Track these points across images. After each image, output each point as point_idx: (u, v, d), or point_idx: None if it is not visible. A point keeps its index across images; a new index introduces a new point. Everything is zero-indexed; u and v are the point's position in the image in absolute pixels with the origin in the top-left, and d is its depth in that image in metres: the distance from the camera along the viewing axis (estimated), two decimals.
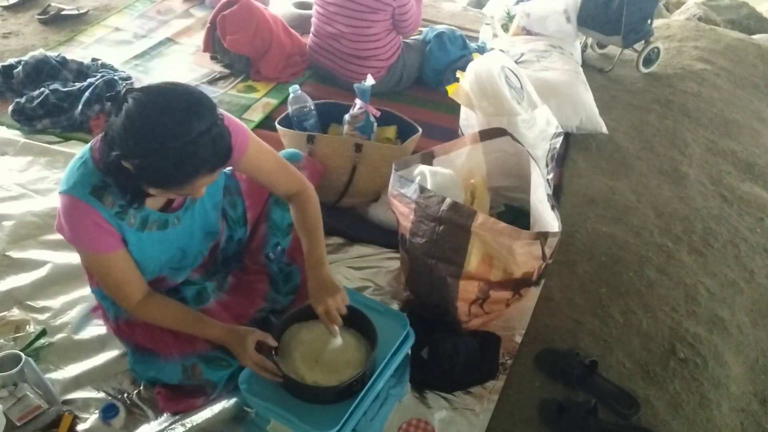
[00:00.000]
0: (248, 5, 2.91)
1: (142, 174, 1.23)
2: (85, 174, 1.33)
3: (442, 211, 1.67)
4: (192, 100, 1.22)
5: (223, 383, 1.55)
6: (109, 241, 1.38)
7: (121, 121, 1.19)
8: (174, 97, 1.20)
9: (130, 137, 1.19)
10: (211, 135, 1.22)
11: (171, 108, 1.19)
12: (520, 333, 1.87)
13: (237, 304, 1.68)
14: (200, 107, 1.22)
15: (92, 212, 1.33)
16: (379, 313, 1.63)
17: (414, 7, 2.77)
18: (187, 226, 1.54)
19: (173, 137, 1.17)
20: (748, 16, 4.86)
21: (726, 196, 2.58)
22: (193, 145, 1.19)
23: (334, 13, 2.78)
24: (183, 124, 1.18)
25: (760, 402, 1.86)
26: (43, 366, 1.68)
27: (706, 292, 2.11)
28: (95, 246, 1.38)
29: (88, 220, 1.34)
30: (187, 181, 1.24)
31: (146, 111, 1.18)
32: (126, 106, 1.19)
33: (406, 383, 1.69)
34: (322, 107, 2.36)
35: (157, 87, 1.23)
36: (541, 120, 2.12)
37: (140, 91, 1.22)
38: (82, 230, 1.36)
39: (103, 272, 1.43)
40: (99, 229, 1.35)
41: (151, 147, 1.18)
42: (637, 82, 3.26)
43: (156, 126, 1.17)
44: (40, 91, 2.66)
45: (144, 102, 1.19)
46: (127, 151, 1.21)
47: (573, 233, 2.25)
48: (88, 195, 1.32)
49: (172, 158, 1.19)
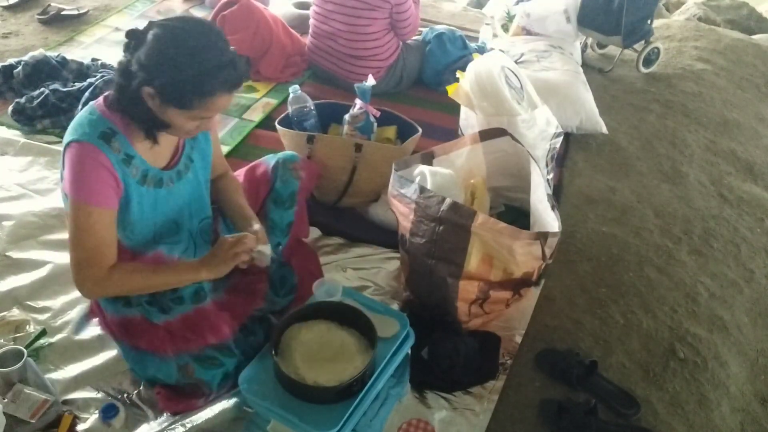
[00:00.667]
0: (248, 5, 2.91)
1: (169, 92, 1.32)
2: (92, 121, 1.40)
3: (442, 211, 1.67)
4: (213, 27, 1.39)
5: (217, 382, 1.55)
6: (109, 193, 1.40)
7: (147, 47, 1.31)
8: (196, 22, 1.37)
9: (159, 57, 1.30)
10: (232, 56, 1.36)
11: (195, 30, 1.34)
12: (520, 333, 1.87)
13: (236, 304, 1.67)
14: (220, 33, 1.37)
15: (101, 155, 1.37)
16: (379, 313, 1.63)
17: (413, 8, 2.77)
18: (179, 192, 1.56)
19: (200, 52, 1.31)
20: (748, 16, 4.87)
21: (726, 196, 2.58)
22: (218, 61, 1.33)
23: (331, 12, 2.77)
24: (208, 42, 1.33)
25: (760, 402, 1.86)
26: (43, 366, 1.67)
27: (706, 292, 2.11)
28: (94, 197, 1.38)
29: (97, 166, 1.37)
30: (210, 95, 1.35)
31: (174, 33, 1.32)
32: (152, 33, 1.32)
33: (406, 383, 1.69)
34: (322, 107, 2.36)
35: (177, 17, 1.39)
36: (541, 120, 2.12)
37: (163, 21, 1.35)
38: (87, 177, 1.37)
39: (88, 227, 1.40)
40: (104, 175, 1.38)
41: (180, 62, 1.30)
42: (637, 82, 3.26)
43: (184, 43, 1.31)
44: (40, 91, 2.66)
45: (171, 26, 1.33)
46: (155, 72, 1.31)
47: (573, 233, 2.25)
48: (97, 139, 1.38)
49: (199, 70, 1.31)
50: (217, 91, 1.35)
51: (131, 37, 1.35)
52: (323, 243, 2.15)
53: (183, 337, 1.54)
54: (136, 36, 1.34)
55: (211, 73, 1.32)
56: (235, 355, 1.57)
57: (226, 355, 1.55)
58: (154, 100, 1.34)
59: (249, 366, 1.50)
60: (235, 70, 1.36)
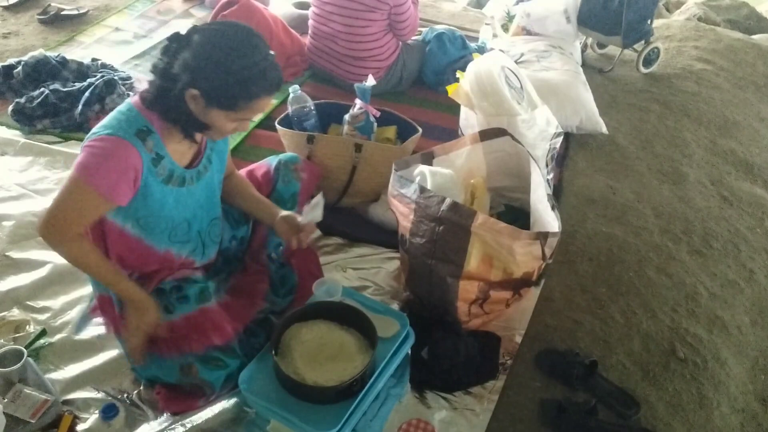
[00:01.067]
0: (248, 5, 2.91)
1: (215, 94, 1.36)
2: (130, 118, 1.40)
3: (442, 211, 1.67)
4: (254, 30, 1.41)
5: (221, 384, 1.55)
6: (120, 190, 1.39)
7: (194, 48, 1.34)
8: (240, 26, 1.40)
9: (207, 59, 1.34)
10: (273, 57, 1.41)
11: (240, 34, 1.38)
12: (520, 333, 1.87)
13: (238, 305, 1.68)
14: (262, 38, 1.42)
15: (133, 153, 1.38)
16: (379, 313, 1.64)
17: (411, 9, 2.77)
18: (196, 192, 1.57)
19: (247, 55, 1.35)
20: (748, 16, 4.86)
21: (726, 196, 2.58)
22: (263, 64, 1.37)
23: (330, 13, 2.77)
24: (253, 46, 1.37)
25: (760, 402, 1.86)
26: (43, 366, 1.68)
27: (706, 292, 2.11)
28: (103, 187, 1.36)
29: (123, 161, 1.37)
30: (255, 97, 1.39)
31: (221, 36, 1.36)
32: (197, 36, 1.36)
33: (406, 383, 1.69)
34: (322, 107, 2.36)
35: (219, 22, 1.45)
36: (541, 120, 2.12)
37: (206, 25, 1.40)
38: (107, 168, 1.36)
39: (79, 206, 1.39)
40: (127, 173, 1.38)
41: (228, 65, 1.33)
42: (637, 82, 3.26)
43: (231, 46, 1.35)
44: (40, 91, 2.67)
45: (216, 30, 1.38)
46: (202, 74, 1.34)
47: (573, 233, 2.25)
48: (133, 136, 1.38)
49: (246, 74, 1.35)
50: (262, 93, 1.40)
51: (174, 40, 1.38)
52: (323, 243, 2.15)
53: (186, 337, 1.54)
54: (180, 39, 1.37)
55: (257, 76, 1.36)
56: (239, 356, 1.57)
57: (230, 356, 1.55)
58: (198, 102, 1.37)
59: (249, 366, 1.50)
60: (275, 73, 1.41)
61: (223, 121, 1.42)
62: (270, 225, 1.72)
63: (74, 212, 1.41)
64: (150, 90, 1.42)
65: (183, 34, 1.38)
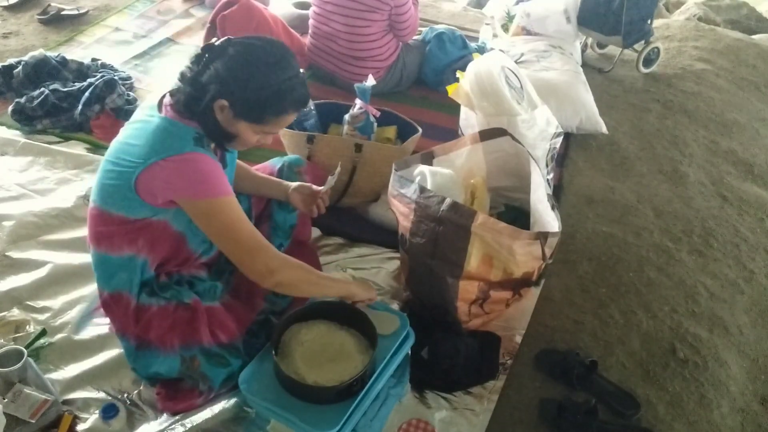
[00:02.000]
0: (248, 5, 2.91)
1: (244, 106, 1.39)
2: (178, 133, 1.42)
3: (442, 211, 1.67)
4: (286, 47, 1.45)
5: (220, 381, 1.55)
6: (226, 183, 1.45)
7: (228, 60, 1.38)
8: (276, 44, 1.44)
9: (241, 72, 1.37)
10: (303, 76, 1.46)
11: (273, 49, 1.42)
12: (520, 333, 1.87)
13: (239, 306, 1.68)
14: (293, 54, 1.45)
15: (206, 158, 1.42)
16: (379, 314, 1.64)
17: (412, 10, 2.77)
18: None
19: (279, 71, 1.39)
20: (748, 16, 4.86)
21: (726, 196, 2.58)
22: (293, 81, 1.41)
23: (331, 12, 2.77)
24: (285, 62, 1.41)
25: (760, 402, 1.86)
26: (43, 366, 1.68)
27: (706, 292, 2.11)
28: (222, 188, 1.42)
29: (206, 165, 1.41)
30: (283, 113, 1.44)
31: (255, 50, 1.40)
32: (233, 49, 1.39)
33: (406, 383, 1.69)
34: (322, 107, 2.36)
35: (255, 36, 1.47)
36: (541, 120, 2.12)
37: (241, 39, 1.42)
38: (207, 176, 1.40)
39: (240, 217, 1.44)
40: (217, 170, 1.43)
41: (261, 79, 1.37)
42: (637, 82, 3.26)
43: (264, 62, 1.38)
44: (40, 91, 2.67)
45: (251, 44, 1.41)
46: (233, 86, 1.37)
47: (573, 233, 2.25)
48: (193, 147, 1.41)
49: (276, 89, 1.39)
50: (290, 108, 1.44)
51: (207, 51, 1.39)
52: (323, 243, 2.15)
53: (194, 329, 1.54)
54: (214, 50, 1.40)
55: (287, 91, 1.40)
56: (242, 356, 1.57)
57: (234, 355, 1.56)
58: (226, 112, 1.40)
59: (249, 366, 1.50)
60: (305, 89, 1.45)
61: (248, 133, 1.45)
62: (284, 199, 1.77)
63: (246, 226, 1.45)
64: (179, 99, 1.43)
65: (217, 45, 1.41)
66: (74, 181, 2.36)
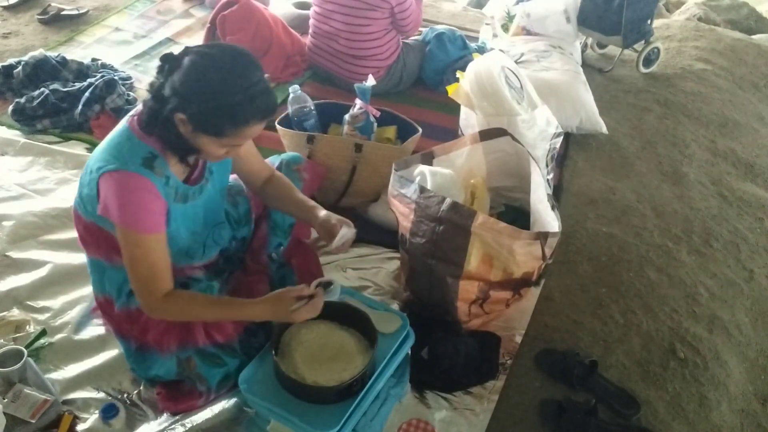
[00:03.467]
0: (248, 5, 2.91)
1: (201, 120, 1.32)
2: (131, 148, 1.39)
3: (442, 211, 1.67)
4: (248, 54, 1.37)
5: (216, 382, 1.55)
6: (158, 219, 1.41)
7: (183, 73, 1.31)
8: (233, 52, 1.36)
9: (194, 84, 1.30)
10: (266, 85, 1.36)
11: (232, 58, 1.33)
12: (520, 333, 1.87)
13: None
14: (255, 62, 1.37)
15: (148, 184, 1.37)
16: (379, 313, 1.64)
17: (413, 5, 2.77)
18: (200, 203, 1.56)
19: (235, 82, 1.30)
20: (748, 16, 4.86)
21: (726, 196, 2.58)
22: (252, 91, 1.32)
23: (331, 11, 2.78)
24: (244, 71, 1.32)
25: (760, 402, 1.86)
26: (43, 366, 1.68)
27: (706, 292, 2.11)
28: (144, 225, 1.38)
29: (145, 193, 1.37)
30: (243, 125, 1.35)
31: (210, 60, 1.32)
32: (188, 59, 1.32)
33: (406, 383, 1.69)
34: (322, 107, 2.36)
35: (213, 44, 1.37)
36: (541, 120, 2.12)
37: (199, 48, 1.35)
38: (136, 206, 1.37)
39: (142, 255, 1.40)
40: (153, 203, 1.38)
41: (215, 92, 1.30)
42: (637, 82, 3.26)
43: (220, 72, 1.31)
44: (40, 91, 2.66)
45: (207, 54, 1.33)
46: (188, 100, 1.30)
47: (573, 233, 2.24)
48: (140, 167, 1.37)
49: (233, 101, 1.30)
50: (250, 120, 1.35)
51: (166, 61, 1.35)
52: (323, 243, 2.14)
53: (189, 330, 1.54)
54: (171, 60, 1.34)
55: (245, 103, 1.32)
56: (239, 356, 1.57)
57: (230, 355, 1.56)
58: (186, 126, 1.34)
59: (249, 366, 1.50)
60: (268, 99, 1.36)
61: (212, 147, 1.39)
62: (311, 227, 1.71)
63: (142, 267, 1.41)
64: (144, 111, 1.39)
65: (175, 55, 1.35)
66: (74, 181, 2.35)
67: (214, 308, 1.50)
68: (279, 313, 1.46)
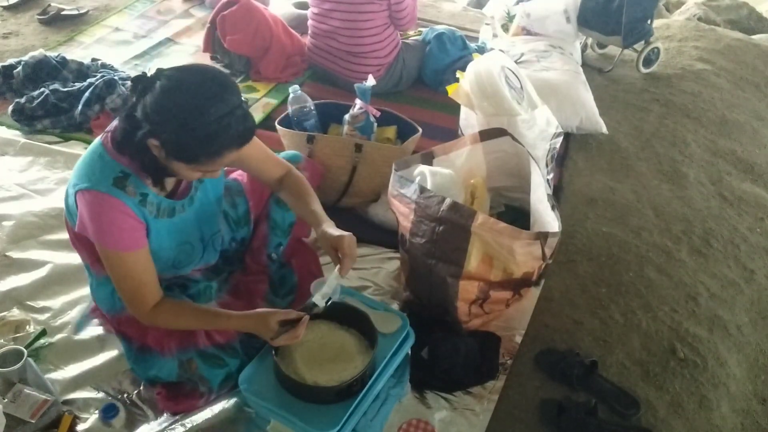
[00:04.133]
0: (248, 5, 2.91)
1: (174, 148, 1.27)
2: (103, 167, 1.36)
3: (442, 211, 1.67)
4: (223, 79, 1.31)
5: (218, 382, 1.55)
6: (135, 236, 1.39)
7: (154, 98, 1.25)
8: (208, 76, 1.29)
9: (166, 112, 1.24)
10: (243, 110, 1.30)
11: (206, 84, 1.27)
12: (520, 333, 1.87)
13: (237, 306, 1.67)
14: (231, 86, 1.31)
15: (118, 204, 1.35)
16: (379, 313, 1.64)
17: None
18: (190, 216, 1.55)
19: (209, 110, 1.24)
20: (748, 16, 4.85)
21: (726, 196, 2.58)
22: (227, 119, 1.26)
23: (329, 10, 2.78)
24: (218, 98, 1.25)
25: (760, 402, 1.86)
26: (43, 366, 1.68)
27: (706, 292, 2.11)
28: (121, 244, 1.38)
29: (117, 213, 1.35)
30: (217, 155, 1.30)
31: (183, 87, 1.25)
32: (160, 83, 1.25)
33: (406, 383, 1.69)
34: (322, 107, 2.36)
35: (188, 67, 1.34)
36: (541, 120, 2.12)
37: (172, 71, 1.29)
38: (109, 226, 1.36)
39: (124, 273, 1.41)
40: (126, 222, 1.36)
41: (187, 121, 1.24)
42: (637, 82, 3.26)
43: (194, 99, 1.24)
44: (40, 91, 2.66)
45: (180, 79, 1.26)
46: (161, 127, 1.25)
47: (573, 233, 2.24)
48: (110, 187, 1.34)
49: (207, 131, 1.25)
50: (224, 150, 1.30)
51: (138, 82, 1.29)
52: None
53: (189, 332, 1.54)
54: (144, 82, 1.29)
55: (219, 133, 1.26)
56: (239, 356, 1.57)
57: (231, 355, 1.56)
58: (160, 151, 1.30)
59: (249, 366, 1.50)
60: (244, 126, 1.30)
61: (186, 172, 1.35)
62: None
63: (128, 283, 1.42)
64: (117, 131, 1.36)
65: (148, 77, 1.28)
66: None
67: (201, 319, 1.50)
68: (260, 332, 1.45)
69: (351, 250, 1.45)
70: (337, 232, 1.48)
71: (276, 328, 1.42)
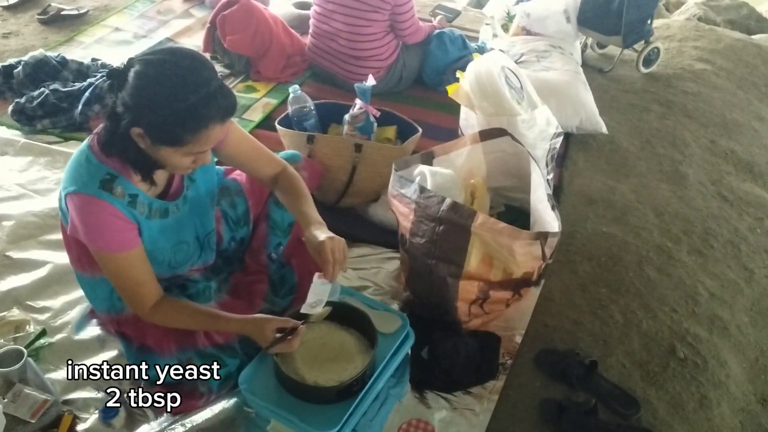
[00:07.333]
0: (248, 5, 2.91)
1: (158, 132, 1.26)
2: (90, 170, 1.36)
3: (442, 211, 1.67)
4: (197, 56, 1.31)
5: (218, 382, 1.55)
6: (125, 237, 1.39)
7: (131, 85, 1.24)
8: (181, 54, 1.29)
9: (145, 96, 1.24)
10: (220, 84, 1.29)
11: (181, 62, 1.26)
12: (520, 333, 1.87)
13: (237, 306, 1.68)
14: (205, 61, 1.30)
15: (106, 206, 1.35)
16: (379, 313, 1.64)
17: (413, 10, 2.77)
18: (184, 215, 1.55)
19: (185, 86, 1.24)
20: (748, 16, 4.86)
21: (726, 196, 2.58)
22: (205, 91, 1.25)
23: (332, 12, 2.78)
24: (195, 74, 1.26)
25: (760, 402, 1.86)
26: (43, 366, 1.67)
27: (706, 292, 2.11)
28: (112, 245, 1.38)
29: (105, 216, 1.35)
30: (202, 129, 1.28)
31: (155, 68, 1.25)
32: (134, 70, 1.25)
33: (406, 383, 1.69)
34: (322, 107, 2.36)
35: (159, 49, 1.33)
36: (541, 120, 2.12)
37: (143, 55, 1.29)
38: (98, 228, 1.36)
39: (119, 274, 1.41)
40: (116, 224, 1.36)
41: (164, 100, 1.23)
42: (637, 82, 3.26)
43: (171, 78, 1.24)
44: (40, 91, 2.66)
45: (152, 61, 1.26)
46: (141, 111, 1.25)
47: (573, 233, 2.25)
48: (97, 190, 1.34)
49: (187, 104, 1.24)
50: (209, 123, 1.28)
51: (112, 77, 1.28)
52: None
53: (188, 332, 1.54)
54: (117, 75, 1.27)
55: (198, 106, 1.25)
56: (239, 356, 1.57)
57: (230, 355, 1.56)
58: (145, 140, 1.28)
59: (249, 366, 1.50)
60: (224, 98, 1.29)
61: (176, 158, 1.33)
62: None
63: (125, 283, 1.42)
64: (102, 132, 1.35)
65: (119, 70, 1.28)
66: None
67: (200, 320, 1.50)
68: (256, 337, 1.45)
69: (336, 255, 1.41)
70: (323, 235, 1.44)
71: (271, 336, 1.42)
